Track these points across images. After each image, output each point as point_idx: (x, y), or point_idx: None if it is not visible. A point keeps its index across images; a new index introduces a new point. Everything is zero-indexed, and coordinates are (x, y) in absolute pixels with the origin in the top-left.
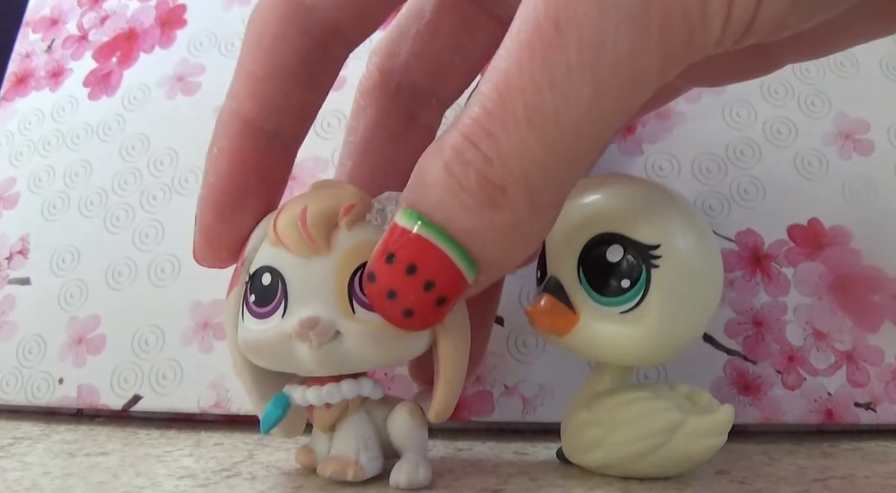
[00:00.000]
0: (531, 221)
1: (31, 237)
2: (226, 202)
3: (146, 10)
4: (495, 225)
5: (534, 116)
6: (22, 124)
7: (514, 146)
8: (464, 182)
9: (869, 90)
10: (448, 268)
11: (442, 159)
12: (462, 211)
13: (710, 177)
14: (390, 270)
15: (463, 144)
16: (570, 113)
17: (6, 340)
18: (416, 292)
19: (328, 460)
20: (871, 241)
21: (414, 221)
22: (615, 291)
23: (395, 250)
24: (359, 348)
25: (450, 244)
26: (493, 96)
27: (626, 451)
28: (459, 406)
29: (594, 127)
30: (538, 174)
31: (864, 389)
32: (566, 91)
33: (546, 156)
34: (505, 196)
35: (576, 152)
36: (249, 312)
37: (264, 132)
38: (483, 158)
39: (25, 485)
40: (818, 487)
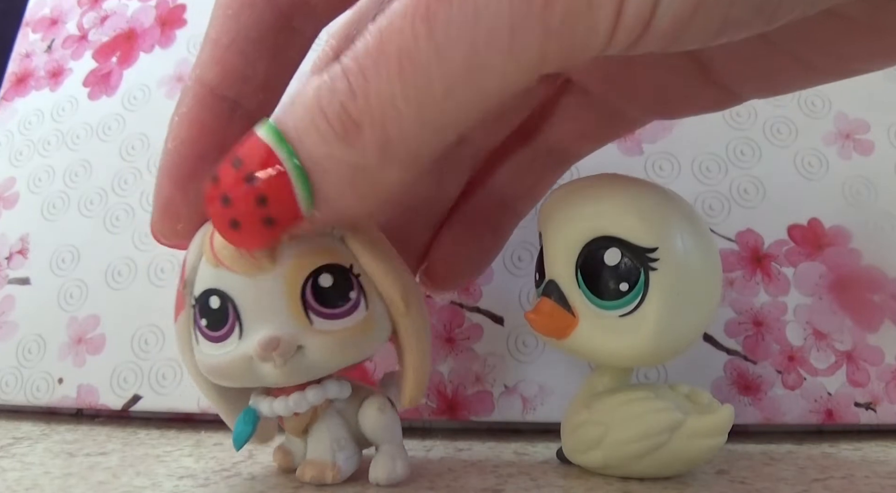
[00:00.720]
0: (379, 171)
1: (31, 237)
2: (184, 169)
3: (146, 10)
4: (341, 160)
5: (405, 62)
6: (22, 124)
7: (380, 87)
8: (325, 108)
9: (869, 90)
10: (284, 188)
11: (316, 82)
12: (315, 136)
13: (710, 177)
14: (232, 174)
15: (337, 73)
16: (440, 69)
17: (6, 340)
18: (248, 203)
19: (305, 464)
20: (871, 241)
21: (270, 133)
22: (613, 294)
23: (243, 157)
24: (322, 357)
25: (294, 167)
26: (375, 34)
27: (626, 451)
28: (459, 406)
29: (463, 94)
30: (395, 123)
31: (864, 389)
32: (441, 45)
33: (408, 106)
34: (358, 134)
35: (439, 113)
36: (204, 336)
37: (226, 100)
38: (349, 91)
39: (25, 485)
40: (818, 487)
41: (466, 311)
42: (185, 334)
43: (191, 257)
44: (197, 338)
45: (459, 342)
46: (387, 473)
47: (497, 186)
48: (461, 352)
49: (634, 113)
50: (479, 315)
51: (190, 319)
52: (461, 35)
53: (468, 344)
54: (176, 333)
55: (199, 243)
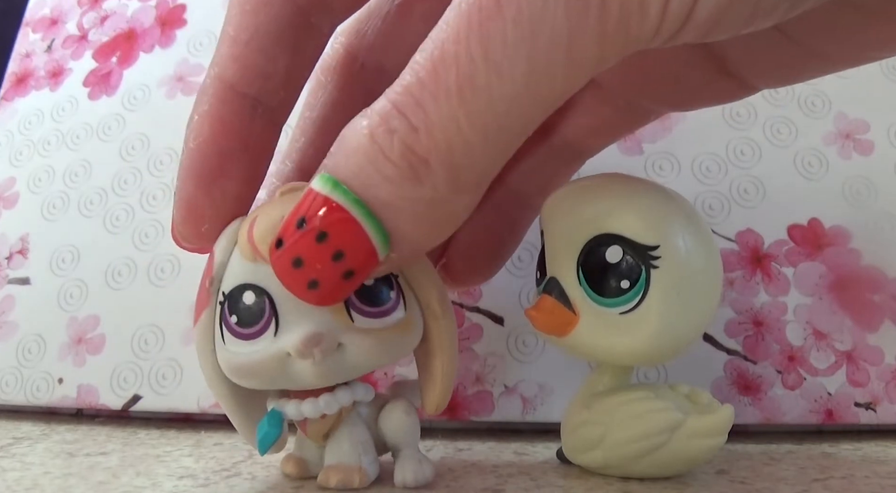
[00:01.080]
0: (451, 200)
1: (31, 237)
2: (207, 168)
3: (146, 10)
4: (414, 199)
5: (465, 88)
6: (22, 124)
7: (443, 118)
8: (387, 151)
9: (869, 90)
10: (360, 239)
11: (367, 126)
12: (381, 181)
13: (710, 177)
14: (300, 236)
15: (390, 111)
16: (502, 89)
17: (6, 340)
18: (324, 261)
19: (329, 469)
20: (871, 241)
21: (331, 186)
22: (615, 291)
23: (308, 216)
24: (361, 356)
25: (365, 214)
26: (427, 65)
27: (626, 451)
28: (459, 406)
29: (525, 107)
30: (463, 150)
31: (864, 389)
32: (500, 65)
33: (473, 132)
34: (427, 170)
35: (504, 132)
36: (232, 334)
37: (247, 97)
38: (409, 128)
39: (25, 485)
40: (818, 487)
41: (466, 311)
42: (207, 333)
43: (219, 253)
44: (223, 336)
45: (459, 342)
46: (414, 475)
47: (513, 182)
48: (461, 352)
49: (649, 105)
50: (479, 315)
51: (213, 317)
52: (519, 52)
53: (468, 344)
54: (196, 332)
55: (228, 239)
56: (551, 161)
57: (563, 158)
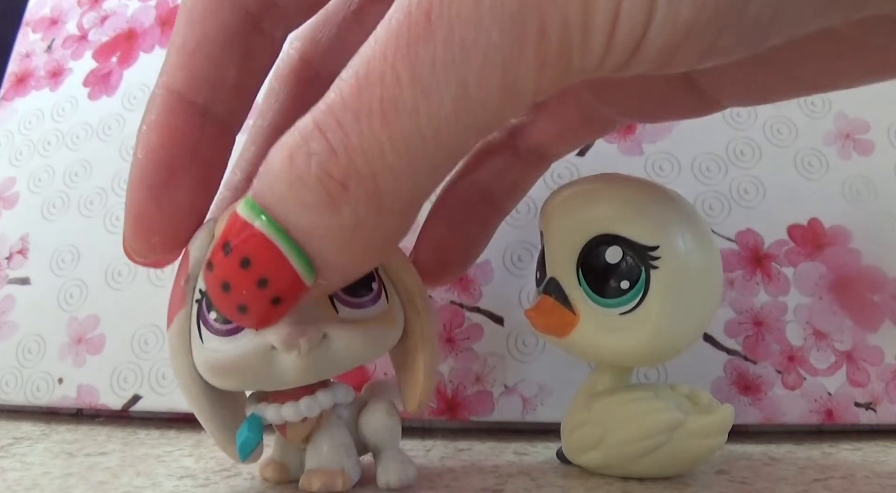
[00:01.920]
0: (376, 225)
1: (31, 237)
2: (157, 178)
3: (146, 10)
4: (333, 226)
5: (389, 110)
6: (22, 124)
7: (364, 141)
8: (304, 175)
9: (869, 90)
10: (283, 268)
11: (288, 147)
12: (300, 207)
13: (710, 177)
14: (226, 261)
15: (311, 132)
16: (429, 112)
17: (6, 340)
18: (249, 287)
19: (312, 473)
20: (871, 241)
21: (252, 212)
22: (614, 292)
23: (232, 241)
24: (347, 349)
25: (286, 242)
26: (352, 83)
27: (626, 451)
28: (459, 406)
29: (455, 133)
30: (387, 175)
31: (864, 389)
32: (428, 88)
33: (397, 156)
34: (346, 194)
35: (431, 157)
36: (211, 331)
37: (196, 106)
38: (328, 150)
39: (25, 485)
40: (818, 487)
41: (466, 311)
42: (183, 334)
43: (194, 251)
44: (200, 335)
45: (459, 342)
46: (398, 476)
47: (480, 182)
48: (461, 352)
49: (612, 115)
50: (479, 315)
51: (189, 316)
52: (448, 75)
53: (468, 344)
54: (171, 333)
55: (204, 237)
56: (517, 164)
57: (528, 161)
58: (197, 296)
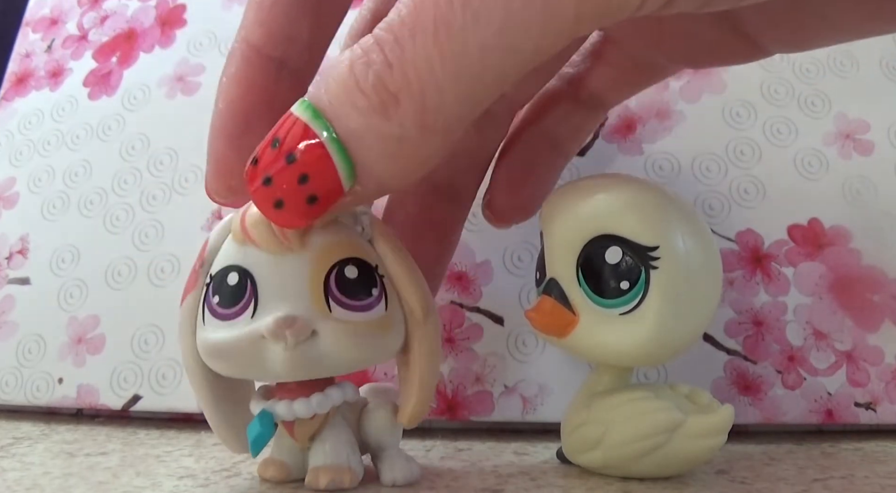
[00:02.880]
0: (418, 141)
1: (31, 237)
2: (235, 126)
3: (146, 10)
4: (381, 133)
5: (441, 29)
6: (22, 124)
7: (417, 57)
8: (361, 82)
9: (869, 90)
10: (325, 164)
11: (350, 56)
12: (352, 111)
13: (710, 177)
14: (272, 155)
15: (371, 45)
16: (476, 34)
17: (6, 340)
18: (290, 182)
19: (318, 470)
20: (871, 241)
21: (306, 110)
22: (614, 292)
23: (281, 137)
24: (335, 348)
25: (333, 141)
26: (409, 4)
27: (626, 451)
28: (459, 406)
29: (499, 58)
30: (434, 92)
31: (864, 389)
32: (477, 11)
33: (446, 75)
34: (397, 105)
35: (477, 79)
36: (212, 314)
37: (272, 59)
38: (384, 62)
39: (25, 485)
40: (818, 487)
41: (466, 311)
42: (190, 315)
43: (213, 238)
44: (203, 318)
45: (459, 342)
46: (404, 473)
47: (545, 128)
48: (461, 352)
49: (663, 61)
50: (479, 315)
51: (198, 299)
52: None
53: (468, 344)
54: (180, 314)
55: (224, 226)
56: (578, 110)
57: (588, 107)
58: (205, 280)
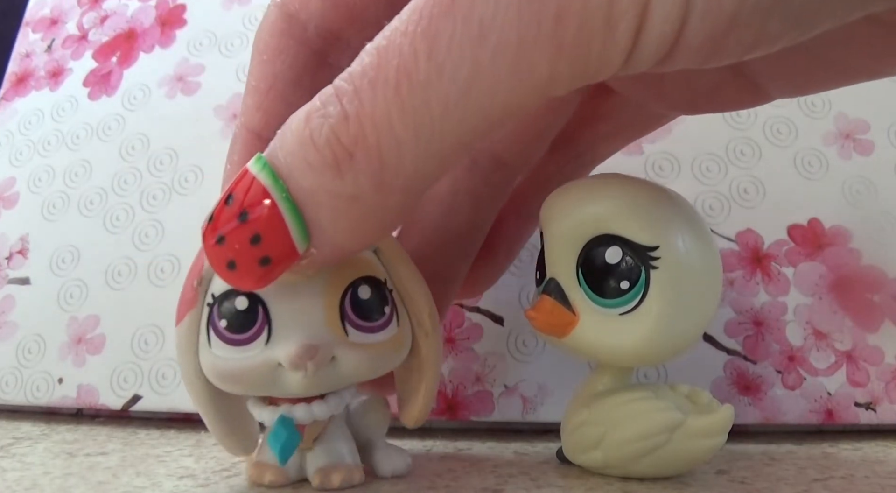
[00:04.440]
0: (374, 201)
1: (31, 237)
2: None
3: (146, 10)
4: (334, 192)
5: (403, 81)
6: (22, 124)
7: (376, 110)
8: (315, 136)
9: (869, 90)
10: (277, 225)
11: (308, 108)
12: (306, 167)
13: (710, 177)
14: (226, 212)
15: (330, 97)
16: (440, 89)
17: (6, 340)
18: (242, 242)
19: (329, 470)
20: (871, 241)
21: (260, 167)
22: (614, 292)
23: (235, 194)
24: (352, 370)
25: (285, 200)
26: (373, 53)
27: (626, 451)
28: (459, 406)
29: (463, 115)
30: (392, 149)
31: (864, 389)
32: (442, 65)
33: (405, 130)
34: (350, 162)
35: (438, 137)
36: (220, 338)
37: None
38: (341, 115)
39: (25, 485)
40: (818, 487)
41: (466, 311)
42: (191, 334)
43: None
44: (209, 339)
45: (459, 342)
46: (401, 463)
47: (522, 200)
48: (461, 352)
49: (662, 110)
50: (479, 315)
51: (199, 317)
52: (464, 54)
53: (468, 344)
54: (179, 331)
55: None
56: (563, 172)
57: (577, 165)
58: (209, 300)
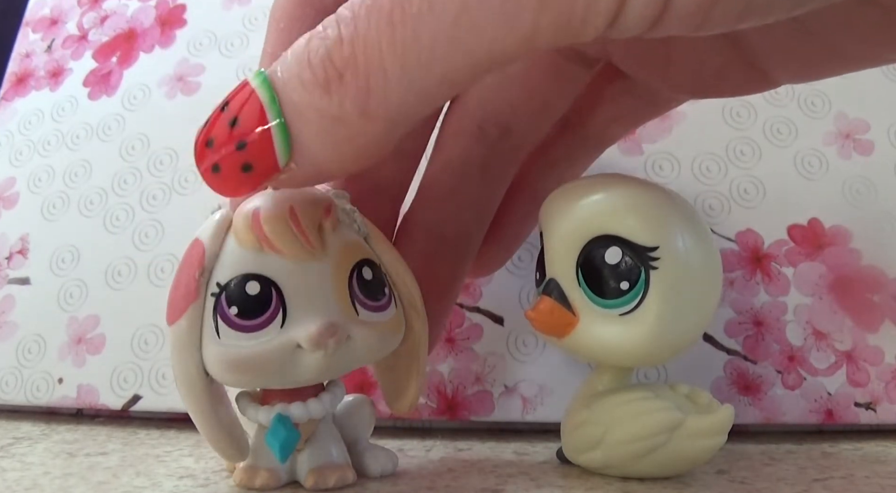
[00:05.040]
0: (356, 125)
1: (31, 237)
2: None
3: (146, 10)
4: (319, 110)
5: (396, 12)
6: (22, 124)
7: (368, 36)
8: (311, 55)
9: (869, 90)
10: (263, 134)
11: (311, 32)
12: (298, 84)
13: (710, 177)
14: (219, 117)
15: (331, 20)
16: (429, 23)
17: (6, 340)
18: (228, 147)
19: (322, 470)
20: (871, 241)
21: (257, 79)
22: (614, 293)
23: (230, 100)
24: (365, 351)
25: (273, 110)
26: None
27: (626, 451)
28: (459, 406)
29: (449, 53)
30: (378, 75)
31: (864, 389)
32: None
33: (393, 58)
34: (339, 83)
35: (424, 71)
36: (231, 326)
37: None
38: (337, 38)
39: (25, 485)
40: (818, 487)
41: (466, 311)
42: (193, 327)
43: (209, 242)
44: (217, 330)
45: (459, 342)
46: (389, 462)
47: (530, 178)
48: (461, 352)
49: (669, 93)
50: (479, 315)
51: (202, 309)
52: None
53: (468, 344)
54: (180, 327)
55: (218, 228)
56: (571, 154)
57: (583, 149)
58: (214, 289)
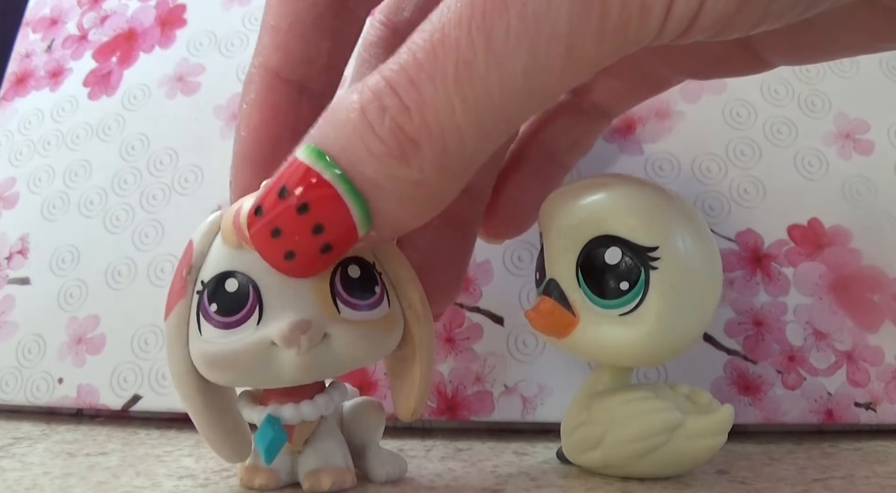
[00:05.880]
0: (437, 184)
1: (31, 237)
2: (261, 154)
3: (146, 10)
4: (400, 179)
5: (464, 74)
6: (22, 124)
7: (437, 101)
8: (377, 128)
9: (869, 90)
10: (342, 214)
11: (359, 100)
12: (369, 157)
13: (710, 177)
14: (280, 205)
15: (384, 88)
16: (500, 81)
17: (6, 340)
18: (303, 233)
19: (319, 472)
20: (871, 241)
21: (315, 157)
22: (614, 293)
23: (289, 186)
24: (346, 350)
25: (348, 189)
26: (427, 47)
27: (626, 451)
28: (459, 406)
29: (521, 100)
30: (455, 135)
31: (864, 389)
32: (501, 58)
33: (467, 119)
34: (416, 151)
35: (497, 123)
36: (211, 323)
37: (292, 83)
38: (401, 107)
39: (25, 485)
40: (818, 487)
41: (466, 311)
42: (180, 323)
43: (198, 241)
44: (199, 326)
45: (459, 342)
46: (395, 467)
47: (545, 141)
48: (461, 352)
49: (670, 74)
50: (479, 315)
51: (189, 307)
52: (520, 44)
53: (468, 344)
54: (169, 324)
55: (209, 228)
56: (579, 121)
57: (591, 117)
58: (198, 287)
